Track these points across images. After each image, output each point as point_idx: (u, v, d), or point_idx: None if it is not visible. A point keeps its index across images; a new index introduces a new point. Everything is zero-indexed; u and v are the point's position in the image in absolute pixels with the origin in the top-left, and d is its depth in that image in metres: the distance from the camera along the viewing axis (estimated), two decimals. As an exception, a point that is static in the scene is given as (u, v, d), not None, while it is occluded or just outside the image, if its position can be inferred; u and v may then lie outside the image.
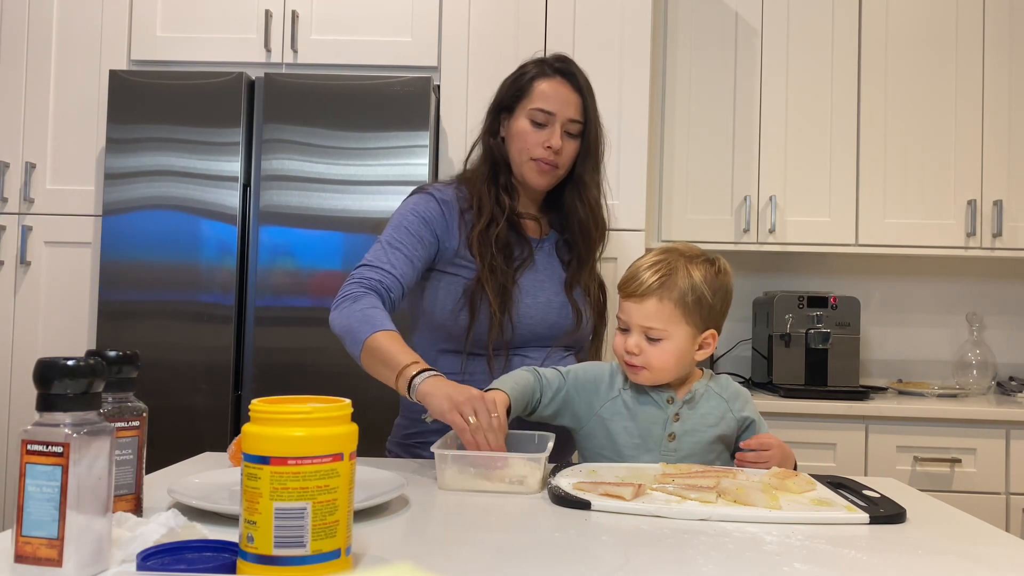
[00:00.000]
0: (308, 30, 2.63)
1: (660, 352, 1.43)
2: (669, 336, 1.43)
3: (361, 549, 0.93)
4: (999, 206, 2.81)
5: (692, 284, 1.42)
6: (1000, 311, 3.12)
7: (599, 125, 1.71)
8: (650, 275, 1.43)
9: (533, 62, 1.70)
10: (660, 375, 1.45)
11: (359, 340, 1.44)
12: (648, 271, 1.43)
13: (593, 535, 1.02)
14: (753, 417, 1.51)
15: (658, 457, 1.43)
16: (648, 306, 1.42)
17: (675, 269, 1.43)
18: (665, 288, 1.42)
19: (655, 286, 1.42)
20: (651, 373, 1.44)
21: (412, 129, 2.45)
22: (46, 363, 0.80)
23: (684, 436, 1.45)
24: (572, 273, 1.70)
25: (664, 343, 1.43)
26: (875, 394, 2.76)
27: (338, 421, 0.83)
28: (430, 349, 1.65)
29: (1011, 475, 2.51)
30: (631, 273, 1.47)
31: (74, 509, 0.78)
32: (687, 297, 1.42)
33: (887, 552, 0.98)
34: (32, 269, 2.61)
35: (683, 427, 1.45)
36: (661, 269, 1.43)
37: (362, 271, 1.54)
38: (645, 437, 1.45)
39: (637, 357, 1.43)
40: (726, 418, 1.48)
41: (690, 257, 1.46)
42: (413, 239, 1.58)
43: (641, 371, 1.44)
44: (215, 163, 2.46)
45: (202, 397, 2.41)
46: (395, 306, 1.54)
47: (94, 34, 2.65)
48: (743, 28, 2.91)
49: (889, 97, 2.87)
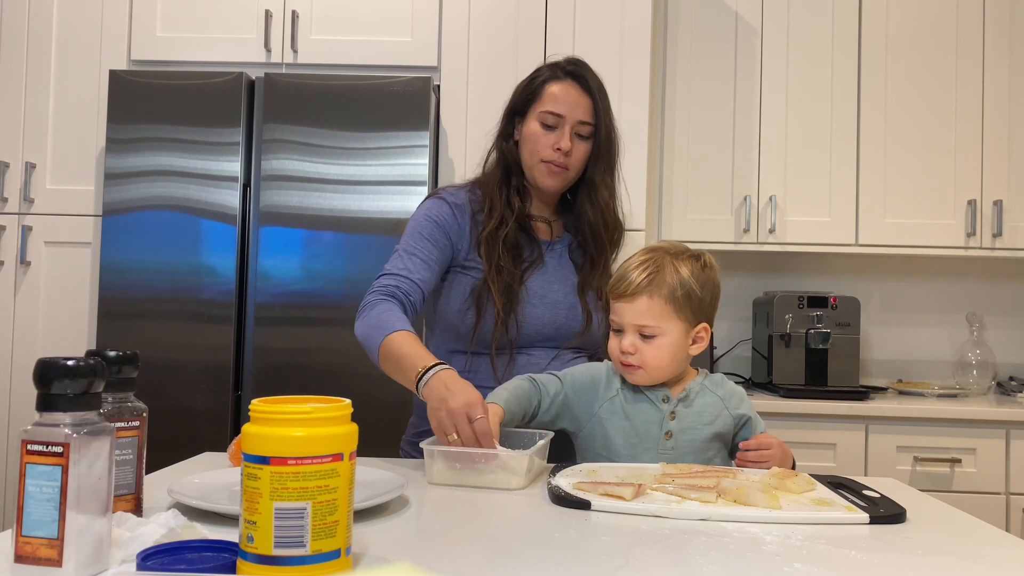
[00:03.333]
0: (308, 30, 2.63)
1: (655, 349, 1.44)
2: (663, 332, 1.44)
3: (361, 549, 0.93)
4: (999, 206, 2.81)
5: (680, 279, 1.44)
6: (1000, 311, 3.12)
7: (612, 127, 1.72)
8: (638, 274, 1.45)
9: (547, 66, 1.72)
10: (656, 373, 1.46)
11: (375, 345, 1.46)
12: (636, 270, 1.45)
13: (593, 535, 1.02)
14: (749, 414, 1.51)
15: (656, 456, 1.44)
16: (639, 304, 1.44)
17: (662, 266, 1.45)
18: (654, 285, 1.44)
19: (644, 284, 1.44)
20: (647, 372, 1.45)
21: (412, 129, 2.45)
22: (46, 363, 0.80)
23: (680, 434, 1.46)
24: (584, 275, 1.71)
25: (659, 340, 1.44)
26: (875, 394, 2.76)
27: (338, 421, 0.83)
28: (442, 348, 1.67)
29: (1011, 475, 2.51)
30: (619, 274, 1.48)
31: (74, 509, 0.78)
32: (677, 292, 1.44)
33: (887, 552, 0.98)
34: (32, 269, 2.61)
35: (679, 425, 1.46)
36: (648, 267, 1.45)
37: (381, 280, 1.57)
38: (642, 436, 1.46)
39: (633, 356, 1.44)
40: (722, 416, 1.48)
41: (675, 254, 1.48)
42: (428, 243, 1.61)
43: (637, 371, 1.45)
44: (215, 163, 2.46)
45: (202, 397, 2.41)
46: (417, 310, 1.57)
47: (94, 34, 2.65)
48: (743, 28, 2.91)
49: (889, 97, 2.87)
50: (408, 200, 2.42)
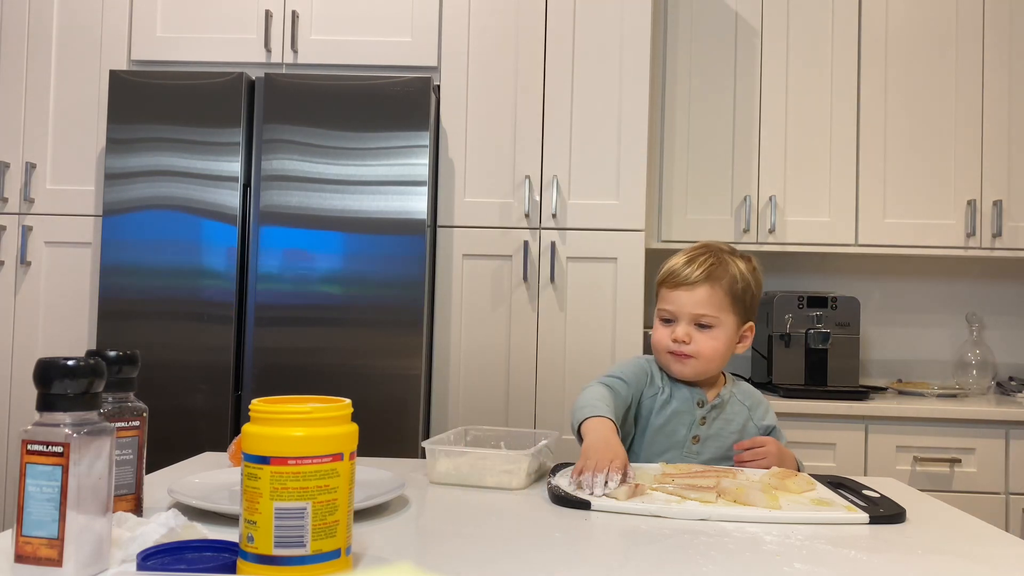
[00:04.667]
0: (308, 30, 2.63)
1: (711, 340, 1.44)
2: (720, 324, 1.45)
3: (361, 549, 0.93)
4: (999, 206, 2.81)
5: (740, 273, 1.46)
6: (1000, 311, 3.12)
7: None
8: (698, 264, 1.45)
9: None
10: (708, 365, 1.46)
11: None
12: (694, 262, 1.46)
13: (593, 535, 1.02)
14: (774, 424, 1.52)
15: (680, 457, 1.44)
16: (700, 293, 1.44)
17: (721, 260, 1.47)
18: (715, 276, 1.45)
19: (704, 275, 1.44)
20: (700, 362, 1.45)
21: (412, 129, 2.45)
22: (46, 363, 0.80)
23: (708, 440, 1.46)
24: None
25: (715, 330, 1.44)
26: (875, 394, 2.76)
27: (338, 421, 0.83)
28: None
29: (1011, 475, 2.51)
30: (672, 267, 1.48)
31: (74, 509, 0.78)
32: (737, 285, 1.45)
33: (887, 552, 0.98)
34: (32, 269, 2.61)
35: (708, 431, 1.47)
36: (709, 259, 1.46)
37: None
38: (671, 436, 1.46)
39: (687, 346, 1.44)
40: (747, 427, 1.49)
41: (729, 251, 1.51)
42: None
43: (689, 360, 1.45)
44: (215, 163, 2.46)
45: (202, 397, 2.41)
46: None
47: (94, 34, 2.65)
48: (743, 28, 2.91)
49: (889, 97, 2.87)
50: (408, 200, 2.43)
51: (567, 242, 2.55)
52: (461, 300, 2.56)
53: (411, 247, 2.42)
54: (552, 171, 2.56)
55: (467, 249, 2.57)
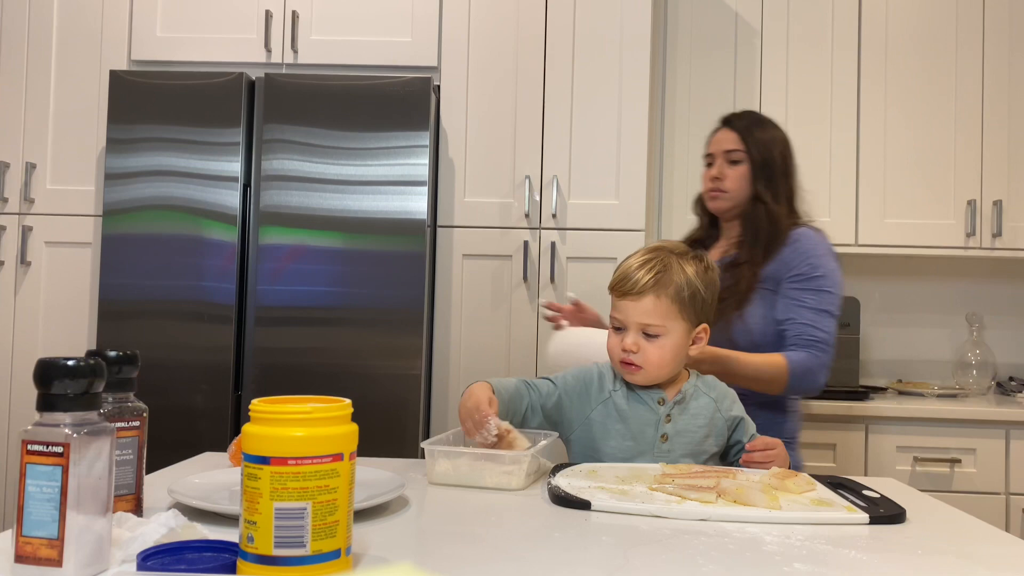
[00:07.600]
0: (308, 30, 2.63)
1: (658, 349, 1.43)
2: (667, 332, 1.43)
3: (361, 549, 0.93)
4: (999, 206, 2.80)
5: (687, 279, 1.44)
6: (1000, 311, 3.12)
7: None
8: (644, 272, 1.43)
9: None
10: (657, 373, 1.45)
11: None
12: (642, 269, 1.44)
13: (593, 535, 1.02)
14: (742, 415, 1.52)
15: (652, 459, 1.43)
16: (646, 303, 1.43)
17: (668, 265, 1.44)
18: (661, 285, 1.43)
19: (651, 283, 1.43)
20: (648, 371, 1.45)
21: (412, 129, 2.45)
22: (46, 363, 0.80)
23: (676, 437, 1.45)
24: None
25: (662, 339, 1.43)
26: (875, 394, 2.76)
27: (338, 421, 0.83)
28: None
29: (1011, 475, 2.51)
30: (622, 273, 1.47)
31: (74, 509, 0.78)
32: (683, 292, 1.43)
33: (887, 552, 0.98)
34: (32, 269, 2.61)
35: (675, 428, 1.45)
36: (655, 266, 1.44)
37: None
38: (638, 439, 1.45)
39: (635, 355, 1.44)
40: (715, 418, 1.48)
41: (680, 254, 1.48)
42: None
43: (638, 370, 1.44)
44: (215, 163, 2.46)
45: (202, 397, 2.41)
46: None
47: (94, 34, 2.65)
48: (743, 28, 2.91)
49: (889, 97, 2.87)
50: (408, 200, 2.43)
51: (567, 242, 2.55)
52: (461, 300, 2.56)
53: (411, 247, 2.42)
54: (552, 171, 2.56)
55: (467, 249, 2.57)
